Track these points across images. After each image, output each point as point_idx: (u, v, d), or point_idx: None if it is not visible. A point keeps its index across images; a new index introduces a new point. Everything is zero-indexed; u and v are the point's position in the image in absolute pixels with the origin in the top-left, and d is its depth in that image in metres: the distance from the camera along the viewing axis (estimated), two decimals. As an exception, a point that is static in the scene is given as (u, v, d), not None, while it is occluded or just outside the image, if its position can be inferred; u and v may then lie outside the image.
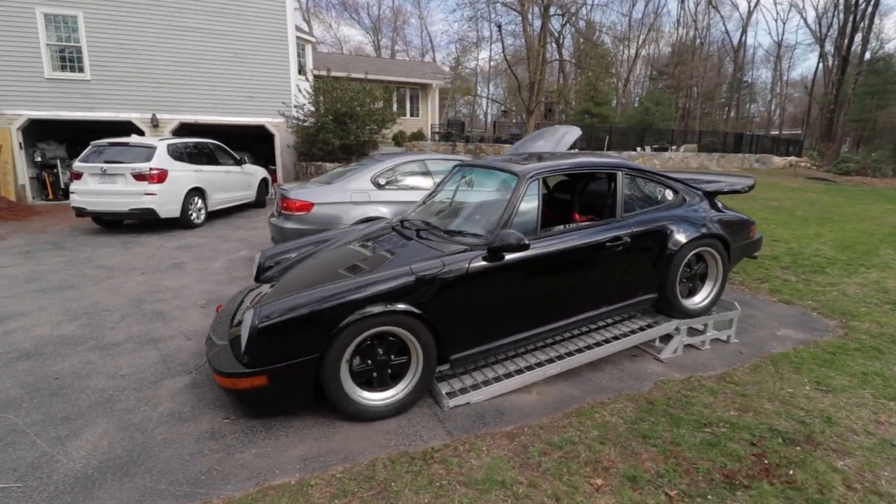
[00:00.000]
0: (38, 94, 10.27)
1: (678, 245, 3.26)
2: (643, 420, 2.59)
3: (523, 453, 2.31)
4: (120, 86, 11.00)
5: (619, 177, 3.26)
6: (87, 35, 10.43)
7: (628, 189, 3.33)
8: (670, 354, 3.43)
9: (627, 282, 3.23)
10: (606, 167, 3.33)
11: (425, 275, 2.58)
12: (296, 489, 2.08)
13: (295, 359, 2.38)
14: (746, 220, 3.82)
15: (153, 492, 2.09)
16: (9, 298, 4.57)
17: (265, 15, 12.14)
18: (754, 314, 4.32)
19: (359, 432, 2.52)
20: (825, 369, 3.20)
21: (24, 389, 2.94)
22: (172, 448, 2.40)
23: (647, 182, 3.46)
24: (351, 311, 2.41)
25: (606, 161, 3.38)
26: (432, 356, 2.66)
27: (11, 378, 3.07)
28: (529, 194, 2.97)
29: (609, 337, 3.30)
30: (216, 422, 2.61)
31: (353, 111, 12.37)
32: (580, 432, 2.48)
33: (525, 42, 14.06)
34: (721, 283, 3.60)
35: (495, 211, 2.93)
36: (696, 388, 2.95)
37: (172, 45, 11.20)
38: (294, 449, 2.38)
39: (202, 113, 12.04)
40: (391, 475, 2.16)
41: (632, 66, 39.73)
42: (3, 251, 6.47)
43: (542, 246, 2.87)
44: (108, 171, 7.39)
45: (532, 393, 2.92)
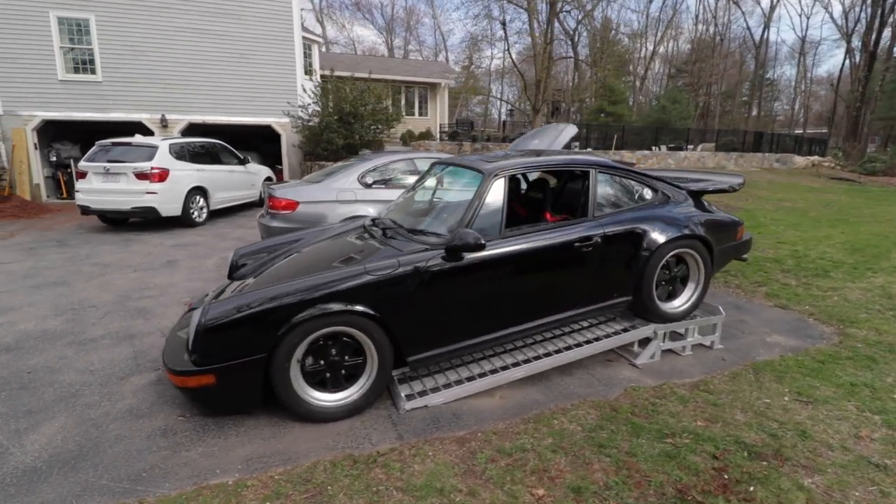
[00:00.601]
0: (51, 95, 10.59)
1: (654, 246, 3.13)
2: (603, 428, 2.48)
3: (470, 460, 2.24)
4: (130, 87, 11.27)
5: (591, 175, 3.16)
6: (99, 38, 10.71)
7: (603, 188, 3.22)
8: (647, 360, 3.31)
9: (600, 284, 3.12)
10: (578, 165, 3.22)
11: (379, 275, 2.54)
12: (231, 490, 2.05)
13: (242, 358, 2.36)
14: (733, 220, 3.66)
15: (93, 487, 2.10)
16: (3, 294, 4.70)
17: (271, 17, 12.28)
18: (746, 319, 4.15)
19: (309, 433, 2.49)
20: (810, 379, 3.04)
21: (4, 383, 3.00)
22: (123, 444, 2.40)
23: (624, 180, 3.34)
24: (298, 311, 2.38)
25: (579, 159, 3.27)
26: (387, 358, 2.61)
27: (-14, 371, 3.14)
28: (494, 192, 2.90)
29: (581, 341, 3.20)
30: (171, 419, 2.61)
31: (357, 111, 12.42)
32: (534, 439, 2.40)
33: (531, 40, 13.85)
34: (703, 286, 3.46)
35: (459, 210, 2.86)
36: (666, 395, 2.83)
37: (181, 46, 11.42)
38: (241, 448, 2.36)
39: (210, 113, 12.25)
40: (329, 478, 2.11)
41: (648, 64, 38.98)
42: (8, 248, 6.68)
43: (505, 246, 2.79)
44: (111, 170, 7.55)
45: (495, 397, 2.85)
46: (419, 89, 21.81)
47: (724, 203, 10.41)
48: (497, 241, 2.79)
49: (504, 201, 2.90)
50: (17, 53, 10.13)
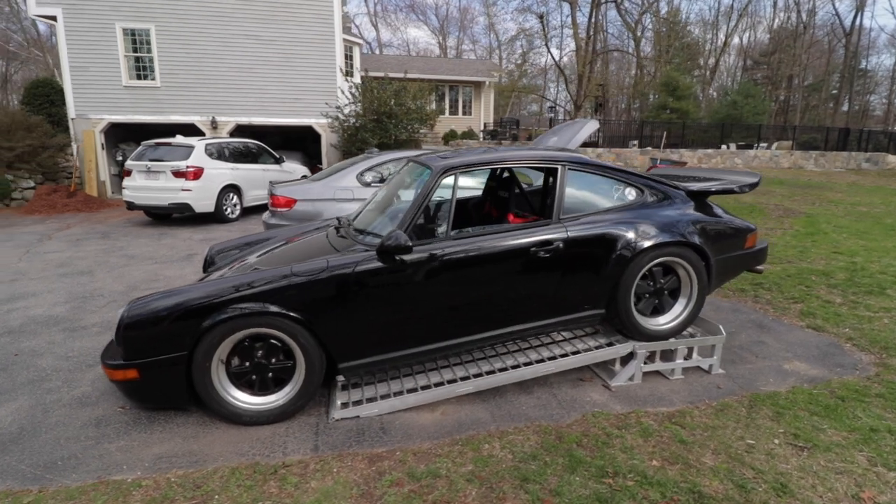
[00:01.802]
0: (116, 100, 11.62)
1: (631, 253, 2.75)
2: (536, 458, 2.20)
3: (374, 481, 2.06)
4: (185, 91, 12.10)
5: (559, 172, 2.83)
6: (158, 46, 11.59)
7: (574, 187, 2.89)
8: (623, 382, 2.93)
9: (564, 294, 2.80)
10: (544, 161, 2.91)
11: (305, 277, 2.42)
12: (123, 488, 2.02)
13: (162, 355, 2.34)
14: (740, 226, 3.15)
15: (9, 470, 2.16)
16: (34, 280, 5.15)
17: (314, 21, 12.65)
18: (765, 341, 3.59)
19: (231, 436, 2.42)
20: (818, 419, 2.52)
21: (-17, 362, 3.24)
22: (57, 430, 2.47)
23: (602, 179, 2.97)
24: (216, 310, 2.32)
25: (546, 154, 2.95)
26: (316, 363, 2.48)
27: (-19, 351, 3.41)
28: (443, 191, 2.68)
29: (546, 357, 2.89)
30: (111, 410, 2.66)
31: (391, 111, 12.49)
32: (453, 465, 2.16)
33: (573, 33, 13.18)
34: (696, 301, 3.00)
35: (405, 209, 2.68)
36: (628, 425, 2.46)
37: (230, 52, 12.08)
38: (158, 446, 2.34)
39: (255, 115, 12.86)
40: (221, 487, 2.02)
41: (720, 56, 36.02)
42: (60, 238, 7.37)
43: (449, 249, 2.56)
44: (152, 168, 8.12)
45: (437, 412, 2.63)
46: (463, 88, 21.66)
47: (778, 205, 9.29)
48: (442, 243, 2.57)
49: (453, 200, 2.67)
50: (88, 62, 11.22)
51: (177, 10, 11.59)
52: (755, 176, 3.33)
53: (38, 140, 10.23)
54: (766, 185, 13.32)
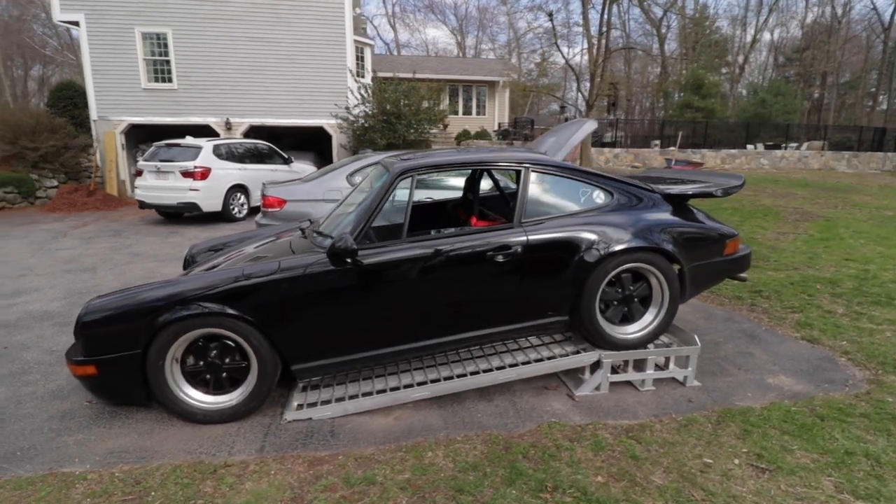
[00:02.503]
0: (136, 102, 12.04)
1: (595, 259, 2.66)
2: (477, 469, 2.15)
3: (308, 485, 2.05)
4: (201, 93, 12.43)
5: (522, 175, 2.76)
6: (175, 49, 11.95)
7: (537, 189, 2.82)
8: (589, 392, 2.84)
9: (525, 300, 2.73)
10: (505, 163, 2.84)
11: (256, 279, 2.44)
12: (68, 480, 2.08)
13: (117, 352, 2.39)
14: (719, 231, 3.01)
15: (-30, 462, 2.24)
16: (39, 276, 5.37)
17: (325, 23, 12.81)
18: (753, 352, 3.43)
19: (185, 434, 2.46)
20: (789, 438, 2.39)
21: (-28, 354, 3.38)
22: (25, 422, 2.56)
23: (567, 181, 2.89)
24: (168, 310, 2.36)
25: (508, 155, 2.88)
26: (268, 364, 2.50)
27: (-26, 343, 3.56)
28: (400, 193, 2.66)
29: (507, 363, 2.83)
30: (78, 404, 2.74)
31: (399, 111, 12.53)
32: (392, 471, 2.13)
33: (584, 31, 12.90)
34: (667, 310, 2.88)
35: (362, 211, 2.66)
36: (582, 438, 2.38)
37: (244, 54, 12.35)
38: (113, 440, 2.40)
39: (268, 116, 13.11)
40: (159, 484, 2.05)
41: (749, 53, 34.77)
42: (75, 236, 7.68)
43: (402, 252, 2.53)
44: (161, 168, 8.37)
45: (390, 417, 2.61)
46: (478, 88, 21.56)
47: (797, 209, 8.88)
48: (396, 246, 2.55)
49: (409, 202, 2.64)
50: (109, 66, 11.66)
51: (193, 14, 11.92)
52: (739, 178, 3.18)
53: (61, 141, 10.69)
54: (788, 186, 12.77)
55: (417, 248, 2.55)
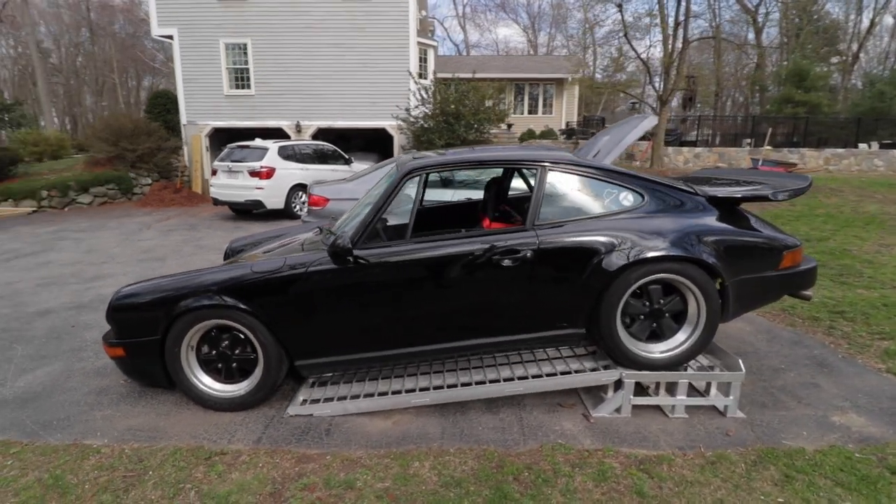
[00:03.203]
0: (219, 107, 13.18)
1: (615, 267, 2.40)
2: (461, 486, 2.02)
3: (290, 483, 2.05)
4: (275, 98, 13.32)
5: (539, 174, 2.57)
6: (254, 58, 12.91)
7: (556, 190, 2.61)
8: (608, 414, 2.58)
9: (536, 308, 2.53)
10: (521, 161, 2.65)
11: (262, 274, 2.50)
12: (86, 451, 2.26)
13: (141, 337, 2.57)
14: (773, 241, 2.59)
15: (15, 423, 2.53)
16: (119, 263, 6.03)
17: (391, 27, 13.14)
18: (822, 384, 2.93)
19: (195, 418, 2.59)
20: (842, 491, 1.98)
21: (48, 330, 3.84)
22: (68, 394, 2.84)
23: (592, 181, 2.64)
24: (183, 299, 2.49)
25: (524, 154, 2.69)
26: (273, 357, 2.55)
27: (48, 322, 4.05)
28: (406, 192, 2.59)
29: (518, 375, 2.65)
30: (115, 382, 2.99)
31: (458, 111, 12.51)
32: (374, 478, 2.07)
33: (660, 21, 11.91)
34: (704, 329, 2.53)
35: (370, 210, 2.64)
36: (586, 465, 2.16)
37: (314, 60, 13.04)
38: (134, 418, 2.58)
39: (335, 119, 13.72)
40: (158, 464, 2.17)
41: (864, 40, 30.44)
42: (157, 228, 8.55)
43: (403, 253, 2.47)
44: (232, 168, 9.06)
45: (390, 420, 2.56)
46: (545, 86, 20.96)
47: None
48: (399, 247, 2.48)
49: (416, 201, 2.57)
50: (197, 75, 12.87)
51: (270, 24, 12.80)
52: (804, 180, 2.73)
53: (155, 143, 11.98)
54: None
55: (420, 250, 2.47)
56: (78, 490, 2.00)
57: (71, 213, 10.25)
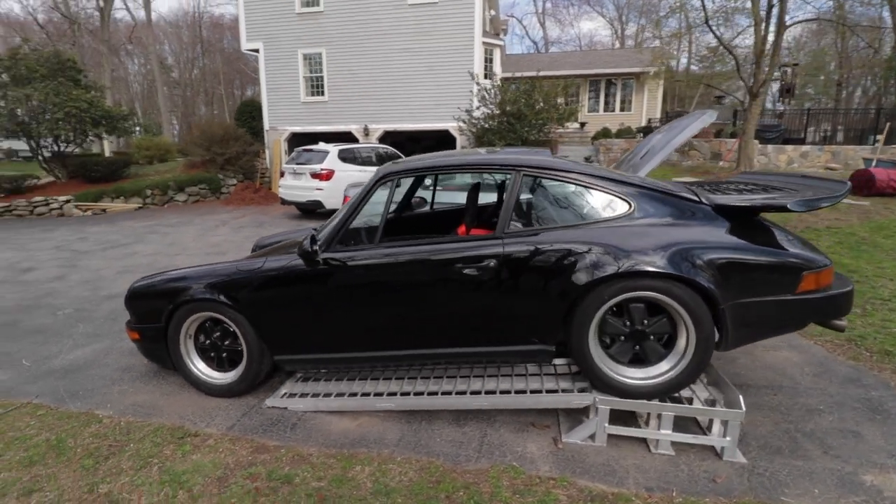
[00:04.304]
0: (296, 113, 14.27)
1: (585, 281, 2.20)
2: (389, 497, 1.99)
3: (239, 469, 2.18)
4: (346, 104, 14.11)
5: (513, 180, 2.44)
6: (328, 67, 13.79)
7: (532, 196, 2.47)
8: (580, 440, 2.38)
9: (502, 322, 2.41)
10: (494, 166, 2.52)
11: (244, 273, 2.67)
12: (90, 420, 2.60)
13: (149, 324, 2.89)
14: (792, 260, 2.20)
15: (55, 391, 2.97)
16: (189, 256, 6.79)
17: (456, 30, 13.27)
18: (865, 433, 2.46)
19: (190, 401, 2.84)
20: (834, 569, 1.63)
21: (108, 312, 4.46)
22: (100, 369, 3.28)
23: (572, 188, 2.44)
24: (182, 293, 2.75)
25: (499, 158, 2.54)
26: (255, 350, 2.72)
27: (112, 305, 4.68)
28: (378, 196, 2.61)
29: (486, 390, 2.55)
30: (140, 361, 3.37)
31: (519, 111, 12.26)
32: (311, 476, 2.12)
33: (751, 4, 10.43)
34: (693, 356, 2.22)
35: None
36: (528, 492, 2.02)
37: (382, 66, 13.60)
38: (141, 395, 2.91)
39: (401, 122, 14.18)
40: (139, 438, 2.42)
41: None
42: (231, 225, 9.48)
43: (367, 258, 2.49)
44: (297, 170, 9.76)
45: (356, 421, 2.60)
46: (623, 81, 19.74)
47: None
48: (366, 252, 2.52)
49: (386, 206, 2.58)
50: (279, 84, 14.07)
51: (343, 34, 13.58)
52: (841, 186, 2.29)
53: (241, 147, 13.30)
54: None
55: (386, 255, 2.47)
56: (70, 452, 2.31)
57: (168, 209, 11.76)
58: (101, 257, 6.72)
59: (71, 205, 10.72)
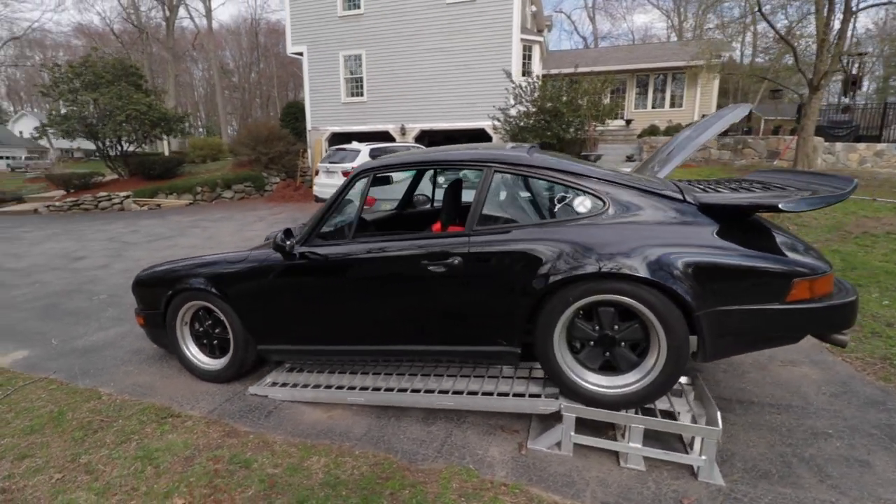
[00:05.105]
0: (337, 114, 14.72)
1: (548, 282, 2.11)
2: (335, 489, 2.01)
3: (205, 451, 2.28)
4: (384, 104, 14.39)
5: (484, 175, 2.38)
6: (367, 67, 14.12)
7: (502, 192, 2.40)
8: (545, 447, 2.29)
9: (468, 321, 2.36)
10: (466, 162, 2.47)
11: (231, 264, 2.80)
12: (92, 396, 2.81)
13: (152, 310, 3.09)
14: (778, 264, 1.99)
15: (70, 369, 3.25)
16: (221, 249, 7.19)
17: (493, 26, 13.16)
18: (876, 462, 2.21)
19: (184, 384, 3.02)
20: None
21: (138, 297, 4.80)
22: (115, 350, 3.55)
23: (544, 185, 2.35)
24: (177, 282, 2.92)
25: (470, 154, 2.47)
26: (240, 339, 2.84)
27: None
28: (354, 192, 2.64)
29: (453, 389, 2.52)
30: (151, 345, 3.61)
31: (555, 109, 11.95)
32: (269, 462, 2.19)
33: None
34: (670, 364, 2.07)
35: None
36: (475, 497, 1.97)
37: (418, 65, 13.74)
38: (142, 376, 3.12)
39: (436, 121, 14.27)
40: (128, 415, 2.59)
41: None
42: (268, 220, 9.95)
43: (342, 253, 2.52)
44: (330, 169, 10.08)
45: (329, 413, 2.66)
46: (674, 76, 18.71)
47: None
48: (337, 247, 2.56)
49: (360, 202, 2.60)
50: (320, 86, 14.57)
51: (382, 35, 13.86)
52: (845, 184, 2.05)
53: (283, 147, 13.92)
54: None
55: (357, 251, 2.50)
56: (66, 424, 2.52)
57: (215, 205, 12.53)
58: (145, 249, 7.28)
59: (130, 200, 11.69)
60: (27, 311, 4.49)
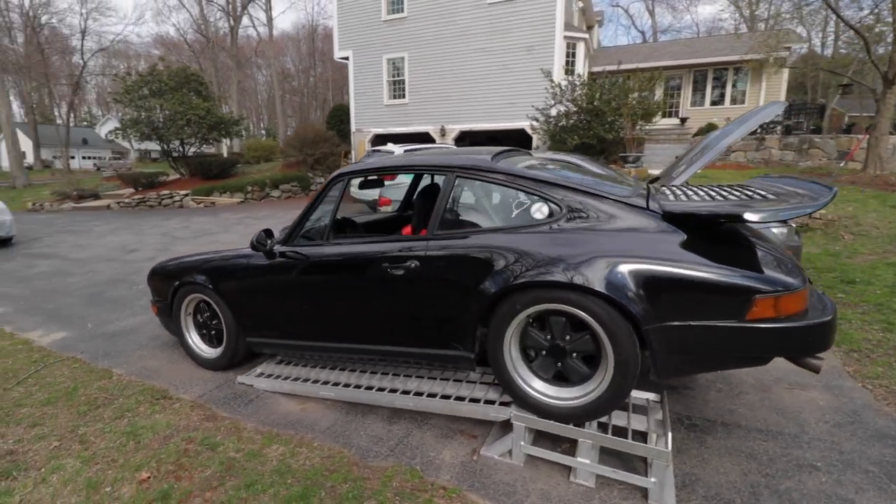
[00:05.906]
0: (380, 115, 15.13)
1: (497, 288, 2.10)
2: (282, 476, 2.13)
3: (182, 432, 2.49)
4: (425, 105, 14.61)
5: (446, 180, 2.40)
6: (409, 70, 14.40)
7: (463, 198, 2.41)
8: (496, 455, 2.29)
9: (426, 323, 2.39)
10: (432, 167, 2.49)
11: (222, 261, 3.02)
12: (102, 375, 3.15)
13: (162, 300, 3.40)
14: (737, 279, 1.85)
15: (94, 349, 3.64)
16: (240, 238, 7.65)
17: (534, 25, 12.96)
18: (859, 503, 1.99)
19: (186, 370, 3.29)
20: None
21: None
22: (136, 336, 3.92)
23: (504, 190, 2.32)
24: (180, 276, 3.19)
25: (437, 160, 2.49)
26: (232, 330, 3.06)
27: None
28: (332, 195, 2.76)
29: (413, 390, 2.57)
30: (167, 333, 3.96)
31: (597, 109, 11.58)
32: (232, 448, 2.35)
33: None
34: (613, 378, 1.98)
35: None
36: (410, 497, 2.01)
37: (459, 67, 13.81)
38: (152, 360, 3.44)
39: (477, 121, 14.29)
40: (128, 395, 2.88)
41: None
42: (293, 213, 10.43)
43: (317, 253, 2.65)
44: (364, 168, 10.42)
45: (303, 405, 2.80)
46: (734, 71, 17.42)
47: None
48: (311, 248, 2.69)
49: (336, 204, 2.71)
50: (365, 89, 15.05)
51: (424, 37, 14.08)
52: (824, 193, 1.87)
53: (328, 148, 14.53)
54: None
55: (329, 254, 2.61)
56: (76, 398, 2.84)
57: (263, 204, 13.32)
58: (191, 243, 7.91)
59: (189, 198, 12.72)
60: (77, 297, 5.06)
